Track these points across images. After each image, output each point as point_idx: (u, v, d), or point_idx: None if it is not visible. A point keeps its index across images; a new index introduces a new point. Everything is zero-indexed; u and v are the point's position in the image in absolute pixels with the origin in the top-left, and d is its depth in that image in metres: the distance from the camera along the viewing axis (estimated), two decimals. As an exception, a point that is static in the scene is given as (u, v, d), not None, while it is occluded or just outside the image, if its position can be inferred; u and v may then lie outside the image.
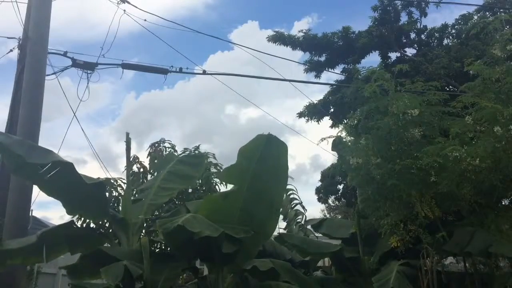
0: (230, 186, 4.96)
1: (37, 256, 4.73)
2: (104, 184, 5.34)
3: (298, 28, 15.57)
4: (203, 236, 4.10)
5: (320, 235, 7.44)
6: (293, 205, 8.61)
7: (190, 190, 7.96)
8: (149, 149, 9.38)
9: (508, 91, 4.68)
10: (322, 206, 23.64)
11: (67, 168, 4.41)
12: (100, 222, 7.83)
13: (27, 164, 4.38)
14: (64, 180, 4.49)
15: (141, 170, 8.82)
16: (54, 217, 49.10)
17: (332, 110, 13.03)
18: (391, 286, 4.85)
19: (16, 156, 4.41)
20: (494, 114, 4.36)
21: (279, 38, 12.54)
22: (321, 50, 12.84)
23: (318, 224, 6.98)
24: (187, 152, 8.20)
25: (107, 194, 8.13)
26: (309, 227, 7.84)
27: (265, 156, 4.64)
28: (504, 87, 4.68)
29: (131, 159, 7.33)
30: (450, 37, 12.52)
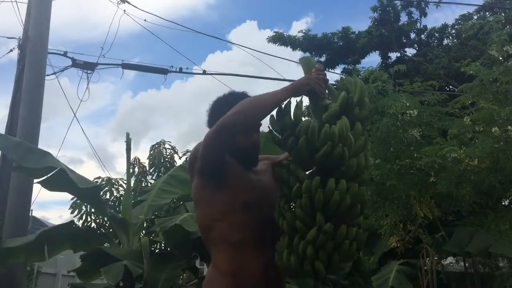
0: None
1: (38, 254, 4.76)
2: (99, 188, 5.39)
3: (296, 28, 15.60)
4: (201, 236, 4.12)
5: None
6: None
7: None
8: (151, 151, 9.45)
9: (505, 91, 4.68)
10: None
11: (61, 172, 4.46)
12: (101, 222, 7.87)
13: (23, 167, 4.44)
14: (60, 182, 4.55)
15: (140, 171, 8.85)
16: (53, 217, 49.25)
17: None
18: (391, 285, 4.87)
19: (12, 160, 4.47)
20: (491, 115, 4.35)
21: (279, 39, 12.55)
22: (321, 50, 12.83)
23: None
24: (189, 154, 8.26)
25: (108, 194, 8.18)
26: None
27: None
28: (502, 88, 4.69)
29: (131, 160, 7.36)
30: (450, 37, 12.51)
